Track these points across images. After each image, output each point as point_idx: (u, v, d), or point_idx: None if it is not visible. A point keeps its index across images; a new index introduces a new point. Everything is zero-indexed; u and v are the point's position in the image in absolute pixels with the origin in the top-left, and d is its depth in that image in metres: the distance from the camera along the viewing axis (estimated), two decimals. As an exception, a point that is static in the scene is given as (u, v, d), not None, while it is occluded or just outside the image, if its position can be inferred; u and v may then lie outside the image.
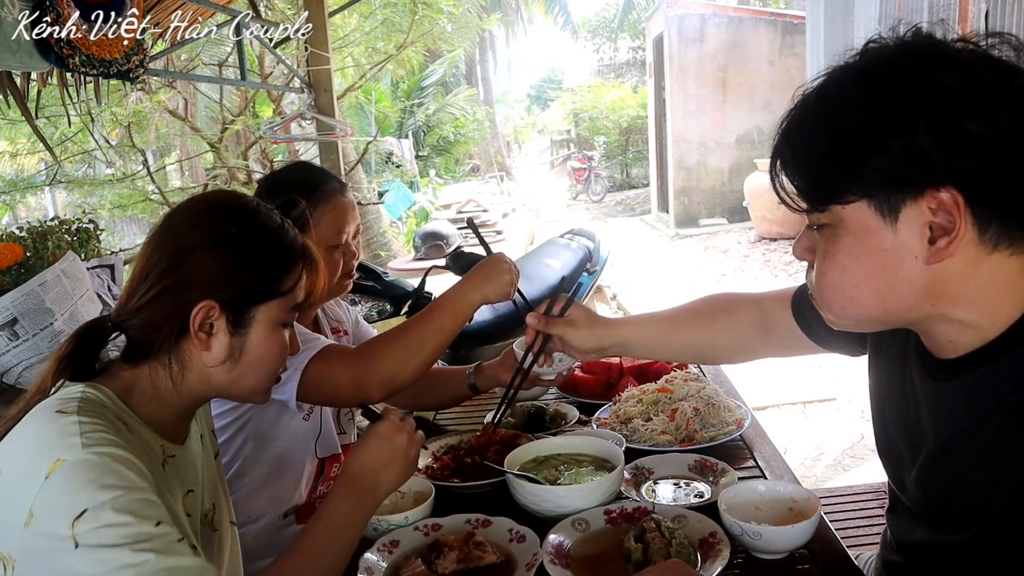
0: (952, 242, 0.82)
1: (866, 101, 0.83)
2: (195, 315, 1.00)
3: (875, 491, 1.99)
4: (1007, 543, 0.90)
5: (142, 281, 1.02)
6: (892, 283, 0.87)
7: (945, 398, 0.96)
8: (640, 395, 1.69)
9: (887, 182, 0.83)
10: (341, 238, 1.64)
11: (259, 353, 1.06)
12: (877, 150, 0.82)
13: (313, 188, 1.62)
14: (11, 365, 1.84)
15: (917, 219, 0.83)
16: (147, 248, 1.05)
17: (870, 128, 0.82)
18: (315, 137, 3.84)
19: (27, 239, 1.99)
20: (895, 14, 5.72)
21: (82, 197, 6.43)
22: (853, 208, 0.86)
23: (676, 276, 8.14)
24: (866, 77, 0.85)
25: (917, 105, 0.80)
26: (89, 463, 0.85)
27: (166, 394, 1.04)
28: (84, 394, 0.96)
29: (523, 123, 33.89)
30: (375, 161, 11.18)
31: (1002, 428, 0.88)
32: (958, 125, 0.79)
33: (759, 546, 1.11)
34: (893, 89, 0.82)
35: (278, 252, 1.08)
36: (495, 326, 3.54)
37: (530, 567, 1.11)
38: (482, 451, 1.51)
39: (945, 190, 0.81)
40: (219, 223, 1.05)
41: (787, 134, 0.90)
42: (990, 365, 0.90)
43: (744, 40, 10.68)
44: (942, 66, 0.82)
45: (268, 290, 1.05)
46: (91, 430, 0.89)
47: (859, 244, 0.87)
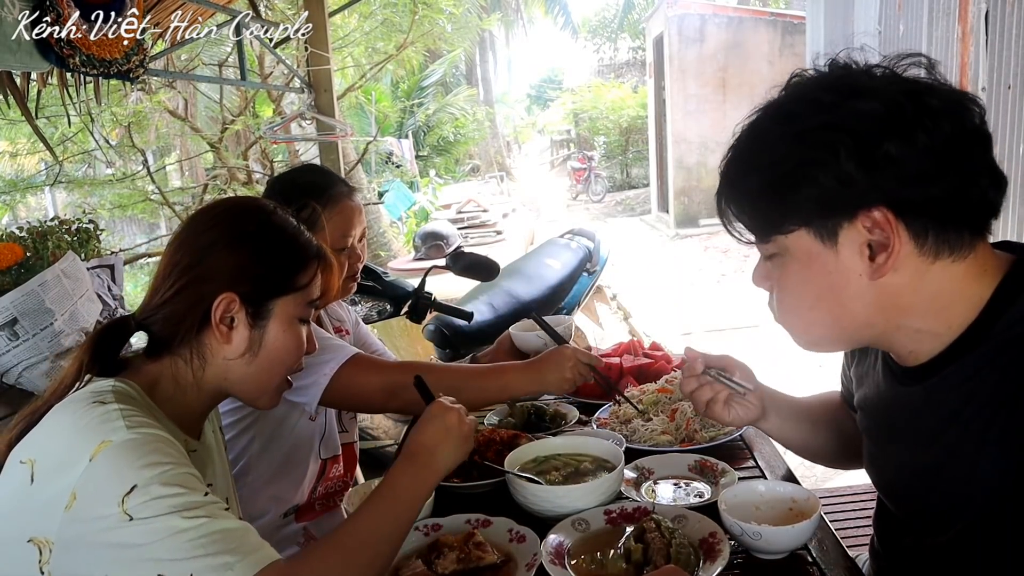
0: (891, 257, 0.86)
1: (790, 135, 0.88)
2: (216, 307, 1.04)
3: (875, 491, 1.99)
4: (983, 542, 0.91)
5: (165, 279, 1.07)
6: (842, 302, 0.91)
7: (915, 402, 0.98)
8: (640, 395, 1.69)
9: (821, 209, 0.88)
10: (347, 241, 1.66)
11: (277, 346, 1.09)
12: (806, 180, 0.86)
13: (322, 192, 1.64)
14: (11, 365, 1.84)
15: (855, 239, 0.88)
16: (170, 248, 1.10)
17: (797, 161, 0.87)
18: (315, 137, 3.83)
19: (27, 239, 1.99)
20: (895, 14, 5.72)
21: (82, 197, 6.43)
22: (795, 236, 0.91)
23: (676, 276, 8.14)
24: (788, 113, 0.90)
25: (837, 134, 0.84)
26: (135, 442, 0.88)
27: (187, 388, 1.07)
28: (115, 387, 0.99)
29: (523, 123, 33.89)
30: (375, 161, 11.18)
31: (970, 425, 0.90)
32: (877, 149, 0.83)
33: (759, 546, 1.11)
34: (814, 122, 0.86)
35: (294, 249, 1.12)
36: (495, 326, 3.54)
37: (530, 567, 1.11)
38: (482, 451, 1.51)
39: (876, 210, 0.85)
40: (238, 221, 1.10)
41: (726, 172, 0.96)
42: (954, 365, 0.92)
43: (744, 40, 10.69)
44: (857, 95, 0.86)
45: (285, 284, 1.09)
46: (132, 414, 0.92)
47: (806, 269, 0.92)
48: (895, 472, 1.06)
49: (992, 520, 0.89)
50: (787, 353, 5.15)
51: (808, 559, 1.14)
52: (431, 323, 3.29)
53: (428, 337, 3.31)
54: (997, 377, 0.88)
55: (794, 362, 4.95)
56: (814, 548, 1.16)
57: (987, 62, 3.90)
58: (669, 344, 2.15)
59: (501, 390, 1.57)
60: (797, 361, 4.97)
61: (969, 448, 0.90)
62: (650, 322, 6.32)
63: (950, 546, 0.97)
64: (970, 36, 4.12)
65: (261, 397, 1.14)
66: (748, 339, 5.63)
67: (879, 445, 1.10)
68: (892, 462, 1.06)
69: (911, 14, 4.97)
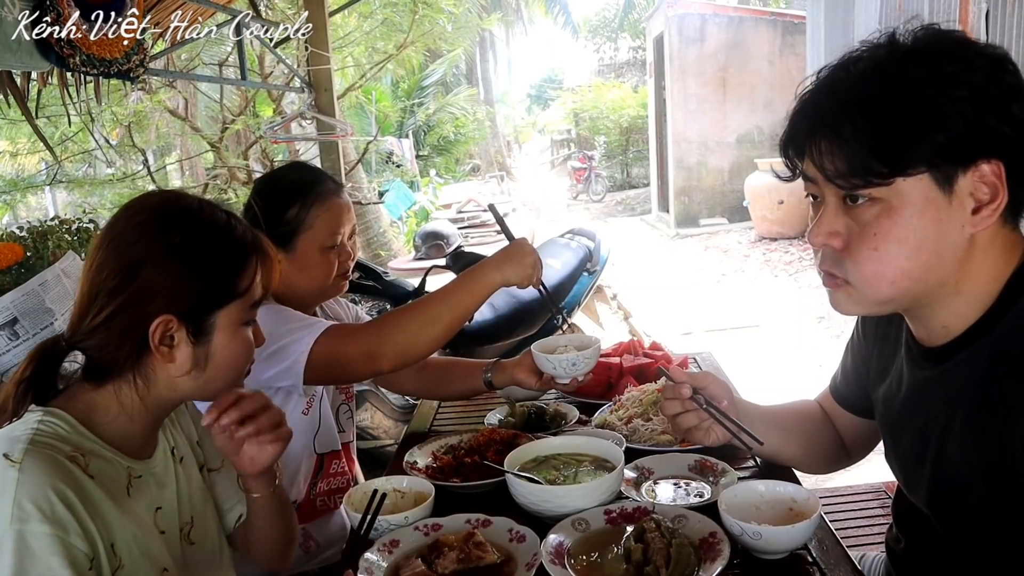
0: (996, 210, 0.88)
1: (933, 78, 0.87)
2: (153, 331, 0.98)
3: (875, 491, 1.99)
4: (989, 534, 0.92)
5: (93, 301, 0.99)
6: (941, 253, 0.91)
7: (929, 387, 1.00)
8: (640, 395, 1.69)
9: (951, 152, 0.87)
10: (336, 239, 1.64)
11: (225, 355, 1.05)
12: (947, 121, 0.86)
13: (308, 189, 1.62)
14: (11, 365, 1.84)
15: (967, 189, 0.89)
16: (91, 265, 1.01)
17: (942, 101, 0.86)
18: (315, 137, 3.83)
19: (27, 239, 1.99)
20: (895, 14, 5.71)
21: (82, 197, 6.43)
22: (916, 180, 0.89)
23: (676, 276, 8.14)
24: (924, 57, 0.89)
25: (981, 84, 0.86)
26: (15, 546, 0.84)
27: (132, 410, 1.02)
28: (40, 426, 0.93)
29: (523, 123, 33.88)
30: (375, 161, 11.17)
31: (973, 416, 0.91)
32: (1009, 106, 0.87)
33: (759, 546, 1.11)
34: (955, 68, 0.87)
35: (229, 253, 1.05)
36: (495, 326, 3.54)
37: (530, 567, 1.11)
38: (482, 451, 1.51)
39: (993, 162, 0.87)
40: (163, 232, 1.01)
41: (844, 107, 0.90)
42: (967, 351, 0.94)
43: (744, 40, 10.68)
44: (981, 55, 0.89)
45: (225, 294, 1.03)
46: (28, 494, 0.86)
47: (919, 216, 0.89)
48: (912, 461, 1.06)
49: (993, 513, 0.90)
50: (787, 353, 5.16)
51: (808, 559, 1.14)
52: (431, 323, 3.29)
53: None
54: (1004, 368, 0.89)
55: (793, 361, 4.95)
56: (814, 548, 1.16)
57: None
58: (669, 344, 2.14)
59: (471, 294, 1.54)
60: (797, 361, 4.97)
61: (972, 439, 0.91)
62: (650, 322, 6.32)
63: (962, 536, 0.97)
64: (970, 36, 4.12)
65: (215, 395, 1.09)
66: (748, 339, 5.62)
67: (897, 434, 1.10)
68: (910, 450, 1.06)
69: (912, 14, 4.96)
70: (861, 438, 1.32)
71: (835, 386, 1.35)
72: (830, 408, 1.37)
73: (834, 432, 1.36)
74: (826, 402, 1.38)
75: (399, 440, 1.97)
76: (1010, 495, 0.87)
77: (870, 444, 1.33)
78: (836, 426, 1.36)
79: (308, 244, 1.61)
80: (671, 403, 1.30)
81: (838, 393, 1.34)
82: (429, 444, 1.60)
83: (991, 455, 0.89)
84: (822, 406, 1.39)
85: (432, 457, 1.55)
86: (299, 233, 1.60)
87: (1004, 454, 0.87)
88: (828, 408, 1.37)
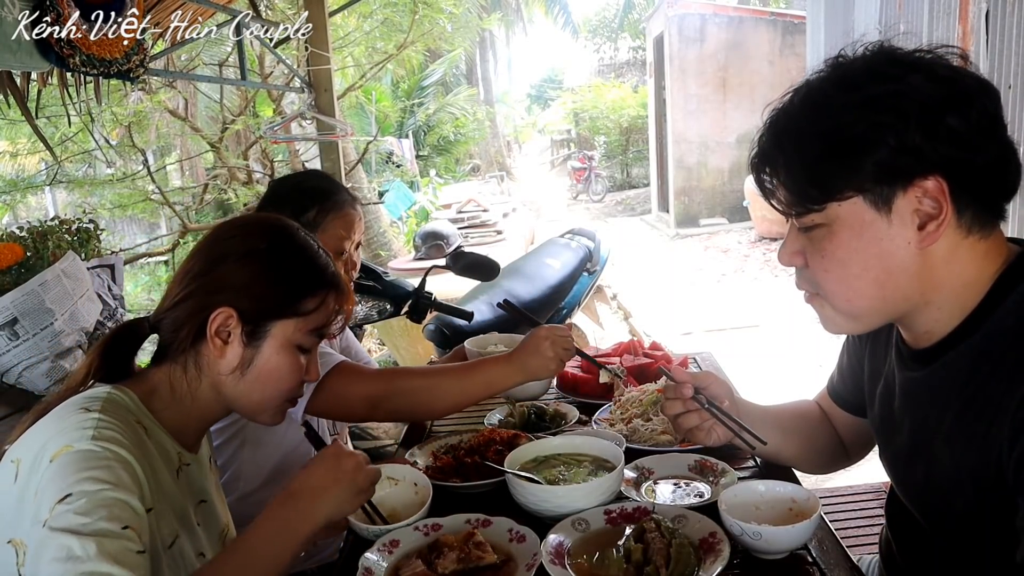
0: (941, 226, 0.89)
1: (857, 102, 0.89)
2: (213, 319, 1.03)
3: (875, 491, 1.99)
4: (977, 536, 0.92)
5: (178, 283, 1.07)
6: (890, 271, 0.93)
7: (918, 388, 1.00)
8: (640, 395, 1.69)
9: (882, 175, 0.89)
10: (345, 246, 1.69)
11: (268, 368, 1.07)
12: (871, 146, 0.88)
13: (327, 196, 1.68)
14: (11, 365, 1.84)
15: (908, 208, 0.90)
16: (190, 253, 1.10)
17: (865, 126, 0.88)
18: (315, 137, 3.83)
19: (27, 239, 2.00)
20: (895, 14, 5.71)
21: (82, 197, 6.43)
22: (849, 204, 0.92)
23: (676, 276, 8.14)
24: (852, 83, 0.91)
25: (906, 102, 0.87)
26: (91, 453, 0.88)
27: (183, 397, 1.06)
28: (109, 395, 0.99)
29: (523, 123, 33.88)
30: (375, 161, 11.18)
31: (961, 416, 0.92)
32: (941, 120, 0.87)
33: (759, 546, 1.11)
34: (881, 90, 0.88)
35: (304, 273, 1.10)
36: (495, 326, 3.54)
37: (530, 567, 1.11)
38: (482, 451, 1.51)
39: (932, 178, 0.88)
40: (253, 236, 1.09)
41: (777, 140, 0.96)
42: (953, 351, 0.94)
43: (744, 40, 10.68)
44: (917, 70, 0.89)
45: (287, 307, 1.07)
46: (106, 427, 0.91)
47: (857, 238, 0.92)
48: (903, 463, 1.06)
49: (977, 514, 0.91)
50: (787, 353, 5.16)
51: (808, 559, 1.14)
52: (431, 323, 3.29)
53: (428, 337, 3.31)
54: (988, 369, 0.90)
55: (793, 361, 4.95)
56: (814, 548, 1.16)
57: (987, 62, 3.89)
58: (669, 344, 2.15)
59: (486, 386, 1.53)
60: (796, 360, 4.97)
61: (960, 439, 0.92)
62: (650, 322, 6.32)
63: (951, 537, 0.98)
64: (970, 36, 4.12)
65: (259, 415, 1.13)
66: (748, 339, 5.62)
67: (888, 434, 1.11)
68: (899, 451, 1.07)
69: (912, 13, 4.96)
70: (859, 438, 1.33)
71: (832, 386, 1.35)
72: (828, 408, 1.37)
73: (833, 432, 1.36)
74: (824, 402, 1.38)
75: (399, 440, 1.97)
76: (993, 495, 0.88)
77: (869, 444, 1.33)
78: (834, 426, 1.36)
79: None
80: (672, 403, 1.30)
81: (835, 393, 1.34)
82: (429, 444, 1.60)
83: (977, 456, 0.89)
84: (820, 406, 1.39)
85: (432, 457, 1.55)
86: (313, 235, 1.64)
87: (989, 455, 0.87)
88: (826, 408, 1.38)
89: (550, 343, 1.50)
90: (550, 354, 1.49)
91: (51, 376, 1.87)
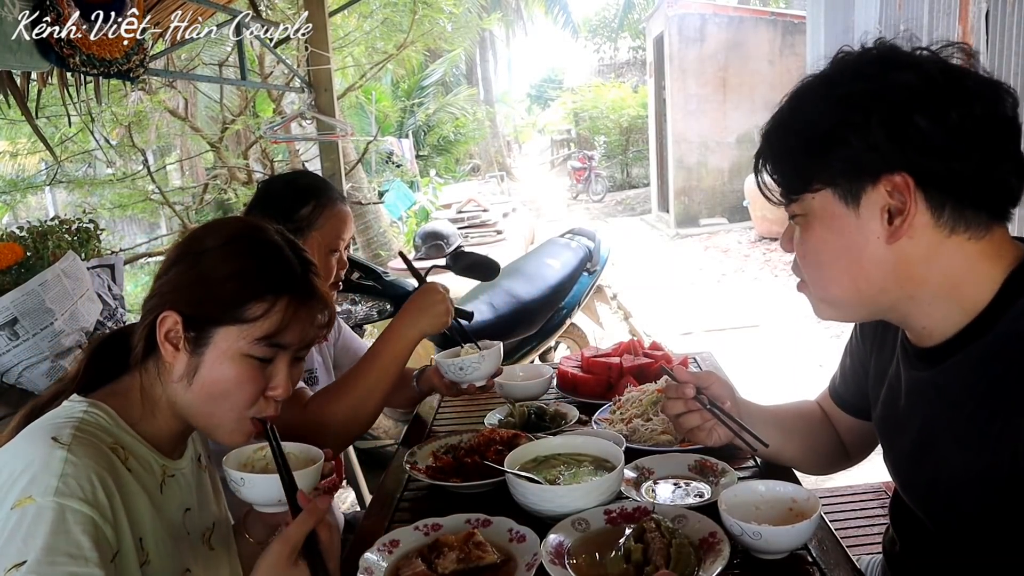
0: (905, 221, 0.90)
1: (828, 99, 0.93)
2: (160, 322, 1.00)
3: (875, 491, 1.99)
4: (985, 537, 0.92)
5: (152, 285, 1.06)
6: (859, 263, 0.95)
7: (926, 388, 1.00)
8: (640, 395, 1.69)
9: (848, 170, 0.92)
10: (339, 243, 1.71)
11: (212, 378, 1.00)
12: (838, 143, 0.91)
13: (321, 193, 1.69)
14: (11, 365, 1.84)
15: (876, 203, 0.92)
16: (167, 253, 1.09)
17: (832, 122, 0.91)
18: (315, 137, 3.83)
19: (27, 239, 1.99)
20: (895, 14, 5.71)
21: (82, 197, 6.43)
22: (820, 196, 0.95)
23: (676, 276, 8.14)
24: (830, 79, 0.94)
25: (872, 101, 0.89)
26: (52, 517, 0.84)
27: (153, 406, 1.03)
28: (83, 419, 0.95)
29: (523, 123, 33.90)
30: (375, 161, 11.17)
31: (973, 417, 0.91)
32: (907, 119, 0.88)
33: (759, 546, 1.11)
34: (850, 88, 0.91)
35: (250, 276, 1.02)
36: (495, 326, 3.55)
37: (530, 567, 1.11)
38: (482, 451, 1.51)
39: (898, 175, 0.89)
40: (204, 238, 1.05)
41: (766, 134, 1.00)
42: (962, 353, 0.94)
43: (744, 40, 10.68)
44: (897, 68, 0.90)
45: (226, 313, 1.00)
46: (72, 473, 0.87)
47: (827, 229, 0.96)
48: (909, 464, 1.06)
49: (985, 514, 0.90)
50: (787, 353, 5.16)
51: (808, 559, 1.14)
52: (431, 323, 3.28)
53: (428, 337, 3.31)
54: (1000, 370, 0.89)
55: (793, 361, 4.95)
56: (814, 548, 1.16)
57: (987, 62, 3.90)
58: (669, 344, 2.15)
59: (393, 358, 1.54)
60: (796, 360, 4.97)
61: (972, 440, 0.91)
62: (650, 322, 6.32)
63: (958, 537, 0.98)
64: (970, 36, 4.12)
65: (213, 431, 1.05)
66: (748, 339, 5.62)
67: (893, 435, 1.10)
68: (905, 451, 1.07)
69: (912, 13, 4.96)
70: (860, 440, 1.33)
71: (834, 388, 1.35)
72: (829, 409, 1.37)
73: (834, 433, 1.36)
74: (825, 403, 1.38)
75: (399, 440, 1.97)
76: (1011, 497, 0.87)
77: (870, 446, 1.33)
78: (836, 427, 1.36)
79: (315, 244, 1.65)
80: (674, 403, 1.30)
81: (837, 395, 1.34)
82: (429, 444, 1.60)
83: (990, 457, 0.89)
84: (822, 407, 1.39)
85: (432, 457, 1.55)
86: (308, 231, 1.66)
87: (1002, 455, 0.87)
88: (827, 409, 1.38)
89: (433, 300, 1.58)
90: (434, 310, 1.57)
91: (51, 376, 1.87)
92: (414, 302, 1.59)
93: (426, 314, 1.57)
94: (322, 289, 1.08)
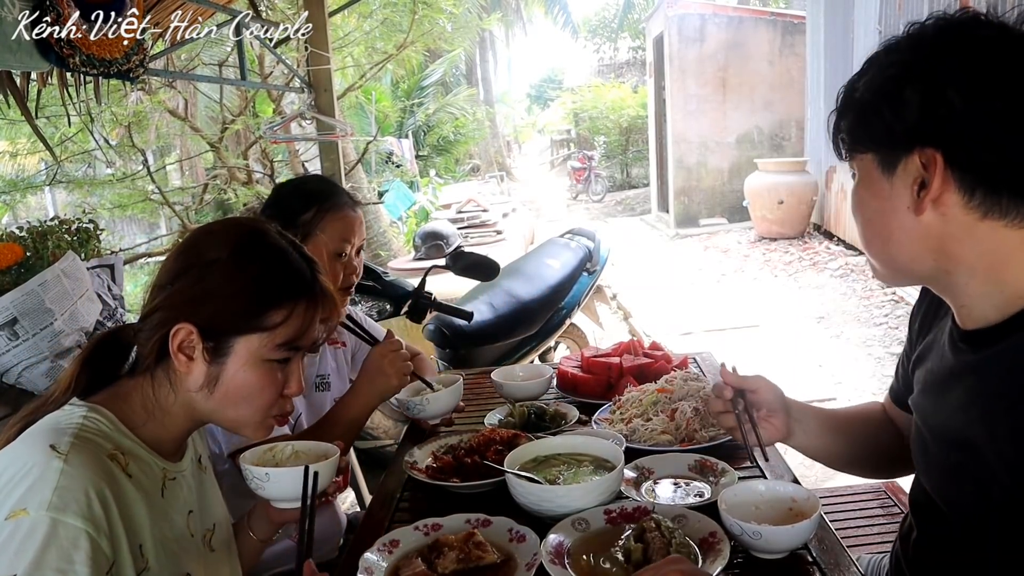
0: (928, 195, 0.92)
1: (880, 66, 0.96)
2: (173, 336, 0.99)
3: (875, 491, 1.99)
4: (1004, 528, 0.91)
5: (151, 293, 1.04)
6: (890, 229, 0.98)
7: (967, 372, 0.99)
8: (640, 395, 1.69)
9: (884, 139, 0.95)
10: (345, 247, 1.70)
11: (236, 384, 1.02)
12: (880, 111, 0.94)
13: (324, 197, 1.70)
14: (11, 365, 1.84)
15: (910, 174, 0.94)
16: (163, 260, 1.07)
17: (880, 90, 0.94)
18: (315, 137, 3.83)
19: (27, 239, 1.99)
20: (895, 14, 5.71)
21: (82, 197, 6.43)
22: (863, 160, 1.00)
23: (676, 276, 8.14)
24: (895, 46, 0.96)
25: (913, 75, 0.91)
26: (45, 532, 0.84)
27: (156, 413, 1.03)
28: (83, 425, 0.95)
29: (523, 123, 33.91)
30: (375, 161, 11.17)
31: (1011, 412, 0.89)
32: (942, 96, 0.89)
33: (759, 546, 1.11)
34: (897, 59, 0.94)
35: (268, 284, 1.03)
36: (495, 326, 3.54)
37: (530, 567, 1.11)
38: (482, 451, 1.51)
39: (929, 149, 0.91)
40: (217, 246, 1.03)
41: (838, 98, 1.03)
42: (1004, 343, 0.93)
43: (744, 40, 10.67)
44: (950, 44, 0.91)
45: (249, 323, 1.01)
46: (68, 485, 0.87)
47: (866, 190, 1.01)
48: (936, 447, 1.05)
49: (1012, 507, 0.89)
50: (787, 353, 5.16)
51: (808, 559, 1.14)
52: (431, 323, 3.29)
53: (428, 337, 3.31)
54: None
55: (793, 361, 4.95)
56: (814, 548, 1.16)
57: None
58: (669, 344, 2.15)
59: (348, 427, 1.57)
60: (796, 360, 4.97)
61: (1005, 433, 0.90)
62: (650, 322, 6.32)
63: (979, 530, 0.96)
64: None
65: (239, 430, 1.08)
66: (748, 339, 5.62)
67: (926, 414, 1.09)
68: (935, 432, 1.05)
69: (912, 14, 4.96)
70: None
71: (892, 385, 1.34)
72: (889, 409, 1.35)
73: (895, 433, 1.34)
74: (886, 403, 1.37)
75: (399, 440, 1.97)
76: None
77: None
78: (897, 427, 1.34)
79: (317, 249, 1.65)
80: (715, 401, 1.36)
81: (893, 391, 1.33)
82: (429, 444, 1.61)
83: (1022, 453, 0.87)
84: (884, 407, 1.38)
85: (432, 457, 1.55)
86: (311, 236, 1.66)
87: None
88: (888, 409, 1.36)
89: (388, 362, 1.57)
90: (389, 371, 1.57)
91: (51, 376, 1.86)
92: (367, 369, 1.60)
93: (380, 376, 1.58)
94: (330, 287, 1.10)
